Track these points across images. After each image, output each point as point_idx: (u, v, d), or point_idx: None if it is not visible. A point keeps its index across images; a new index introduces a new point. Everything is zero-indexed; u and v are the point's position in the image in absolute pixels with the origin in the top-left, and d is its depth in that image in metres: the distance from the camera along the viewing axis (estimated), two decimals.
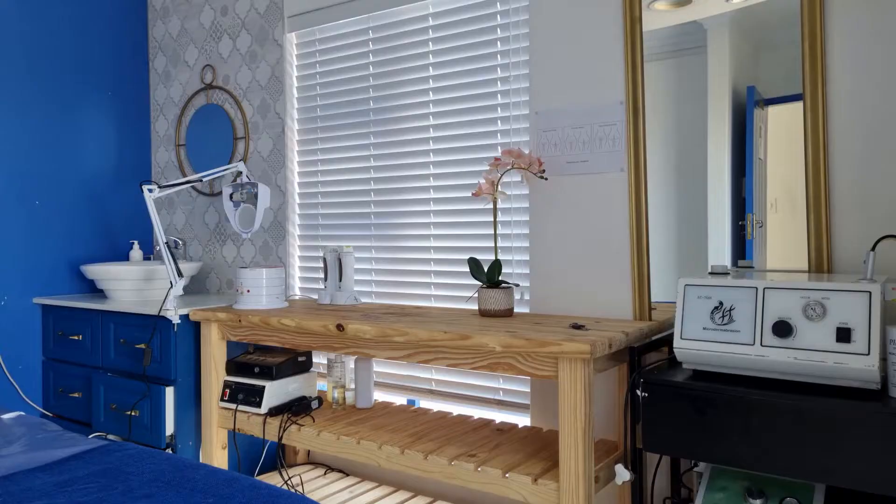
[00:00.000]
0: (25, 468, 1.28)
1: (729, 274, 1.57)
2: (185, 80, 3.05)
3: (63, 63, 2.86)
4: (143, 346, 2.37)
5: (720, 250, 1.84)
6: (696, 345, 1.47)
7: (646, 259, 1.90)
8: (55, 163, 2.83)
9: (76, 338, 2.61)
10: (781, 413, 1.31)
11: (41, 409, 2.76)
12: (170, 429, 2.31)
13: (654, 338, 1.74)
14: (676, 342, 1.49)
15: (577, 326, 1.73)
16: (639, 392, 1.49)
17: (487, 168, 2.23)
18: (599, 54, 1.98)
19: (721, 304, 1.45)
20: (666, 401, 1.45)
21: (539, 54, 2.09)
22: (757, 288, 1.41)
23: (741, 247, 1.81)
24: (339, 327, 1.91)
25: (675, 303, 1.90)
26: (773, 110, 1.77)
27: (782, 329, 1.36)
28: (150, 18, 3.18)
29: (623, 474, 1.57)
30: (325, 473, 2.50)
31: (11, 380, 2.68)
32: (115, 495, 1.10)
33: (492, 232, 2.23)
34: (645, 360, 1.85)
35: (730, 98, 1.82)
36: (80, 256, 2.92)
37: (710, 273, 1.58)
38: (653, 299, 1.92)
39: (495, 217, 2.02)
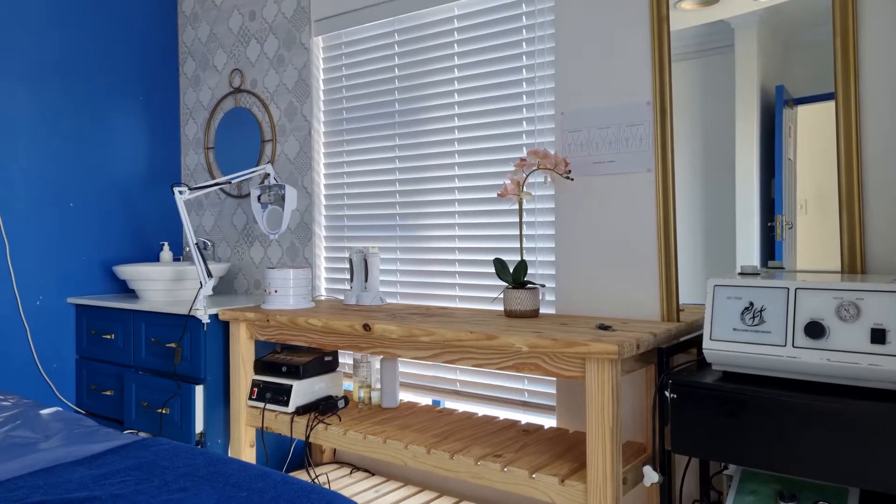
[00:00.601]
0: (65, 461, 1.31)
1: (759, 274, 1.55)
2: (213, 85, 3.10)
3: (96, 68, 2.93)
4: (173, 345, 2.42)
5: (748, 252, 1.82)
6: (725, 346, 1.46)
7: (674, 260, 1.89)
8: (88, 166, 2.90)
9: (109, 337, 2.67)
10: (814, 415, 1.29)
11: (74, 407, 2.82)
12: (199, 427, 2.35)
13: (682, 339, 1.73)
14: (706, 343, 1.48)
15: (603, 327, 1.73)
16: (667, 393, 1.48)
17: (513, 169, 2.23)
18: (626, 54, 1.97)
19: (751, 304, 1.44)
20: (695, 402, 1.44)
21: (565, 55, 2.09)
22: (788, 288, 1.40)
23: (770, 248, 1.79)
24: (366, 327, 1.93)
25: (702, 304, 1.88)
26: (802, 110, 1.75)
27: (815, 330, 1.34)
28: (180, 24, 3.24)
29: (651, 476, 1.56)
30: (350, 473, 2.52)
31: (46, 378, 2.74)
32: (152, 488, 1.13)
33: (516, 233, 2.23)
34: (673, 362, 1.83)
35: (758, 98, 1.81)
36: (113, 257, 2.98)
37: (740, 274, 1.56)
38: (680, 301, 1.91)
39: (521, 218, 2.02)
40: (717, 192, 1.85)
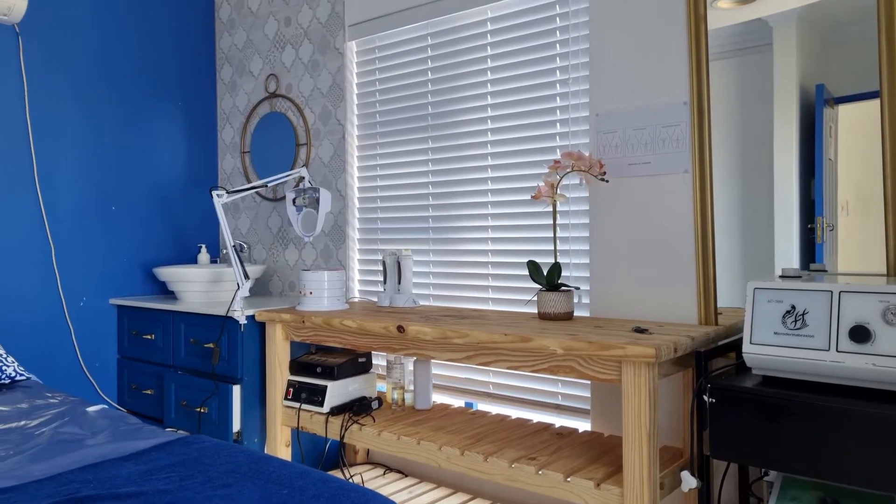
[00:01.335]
0: (112, 457, 1.35)
1: (800, 277, 1.52)
2: (249, 90, 3.16)
3: (136, 75, 3.01)
4: (211, 345, 2.47)
5: (787, 255, 1.78)
6: (766, 350, 1.43)
7: (711, 262, 1.87)
8: (130, 170, 2.98)
9: (149, 337, 2.74)
10: (858, 421, 1.26)
11: (116, 405, 2.90)
12: (236, 426, 2.39)
13: (720, 343, 1.70)
14: (746, 347, 1.46)
15: (640, 330, 1.71)
16: (706, 397, 1.46)
17: (546, 171, 2.23)
18: (662, 54, 1.96)
19: (793, 308, 1.41)
20: (734, 407, 1.42)
21: (599, 55, 2.08)
22: (832, 292, 1.37)
23: (810, 251, 1.75)
24: (400, 329, 1.95)
25: (739, 308, 1.86)
26: (843, 109, 1.71)
27: (860, 334, 1.31)
28: (218, 30, 3.31)
29: (689, 481, 1.54)
30: (384, 473, 2.53)
31: (89, 376, 2.82)
32: (196, 484, 1.15)
33: (550, 235, 2.22)
34: (711, 366, 1.81)
35: (797, 97, 1.77)
36: (153, 259, 3.06)
37: (781, 277, 1.54)
38: (718, 304, 1.88)
39: (555, 220, 2.02)
40: (754, 194, 1.82)
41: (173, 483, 1.16)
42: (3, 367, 2.05)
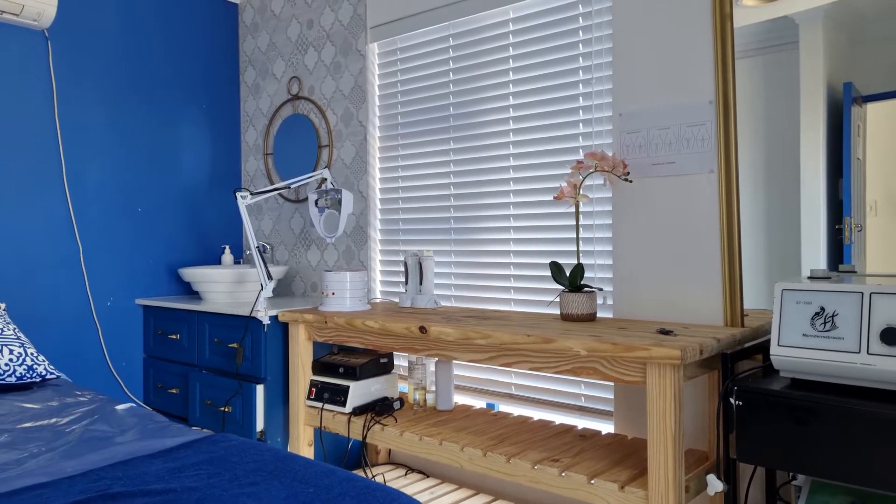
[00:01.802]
0: (141, 455, 1.37)
1: (829, 278, 1.50)
2: (272, 92, 3.19)
3: (162, 78, 3.06)
4: (235, 345, 2.49)
5: (814, 255, 1.76)
6: (794, 352, 1.41)
7: (738, 263, 1.84)
8: (156, 172, 3.03)
9: (174, 337, 2.78)
10: (889, 424, 1.24)
11: (142, 404, 2.94)
12: (260, 425, 2.41)
13: (746, 345, 1.68)
14: (773, 349, 1.44)
15: (664, 332, 1.70)
16: (732, 400, 1.45)
17: (569, 171, 2.22)
18: (687, 53, 1.94)
19: (822, 309, 1.39)
20: (762, 410, 1.40)
21: (623, 55, 2.07)
22: (863, 293, 1.35)
23: (838, 252, 1.72)
24: (422, 329, 1.95)
25: (765, 309, 1.83)
26: (872, 107, 1.68)
27: (891, 336, 1.29)
28: (241, 34, 3.35)
29: (715, 485, 1.52)
30: (406, 474, 2.54)
31: (116, 375, 2.87)
32: (223, 482, 1.17)
33: (573, 236, 2.21)
34: (737, 368, 1.79)
35: (824, 95, 1.75)
36: (178, 260, 3.10)
37: (810, 278, 1.51)
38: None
39: (577, 220, 2.01)
40: (780, 194, 1.80)
41: (201, 480, 1.18)
42: (35, 366, 2.10)
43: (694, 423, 1.92)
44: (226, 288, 2.76)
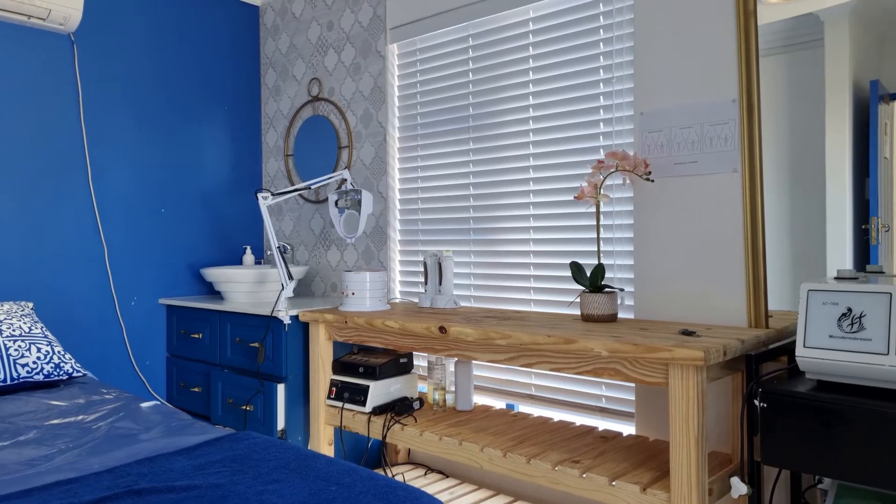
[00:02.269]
0: (165, 452, 1.39)
1: (857, 279, 1.47)
2: (293, 94, 3.22)
3: (185, 81, 3.09)
4: (256, 344, 2.52)
5: (840, 256, 1.73)
6: (820, 354, 1.39)
7: (762, 263, 1.82)
8: (179, 174, 3.07)
9: (197, 336, 2.81)
10: None
11: (165, 402, 2.98)
12: (281, 423, 2.43)
13: (771, 346, 1.66)
14: (799, 350, 1.42)
15: (687, 333, 1.68)
16: (757, 402, 1.43)
17: (589, 171, 2.21)
18: (709, 51, 1.92)
19: (850, 310, 1.37)
20: (787, 412, 1.38)
21: (645, 54, 2.05)
22: (892, 294, 1.32)
23: (864, 252, 1.69)
24: (442, 330, 1.95)
25: (789, 311, 1.81)
26: None
27: None
28: (262, 36, 3.38)
29: (739, 487, 1.51)
30: (425, 474, 2.54)
31: (140, 374, 2.91)
32: (247, 479, 1.18)
33: (593, 236, 2.20)
34: (762, 370, 1.77)
35: (850, 94, 1.72)
36: (200, 260, 3.13)
37: (836, 278, 1.49)
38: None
39: (598, 220, 2.00)
40: (805, 194, 1.77)
41: (225, 477, 1.19)
42: (62, 364, 2.13)
43: (717, 425, 1.90)
44: (247, 288, 2.79)
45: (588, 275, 2.03)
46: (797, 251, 1.79)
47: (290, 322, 2.42)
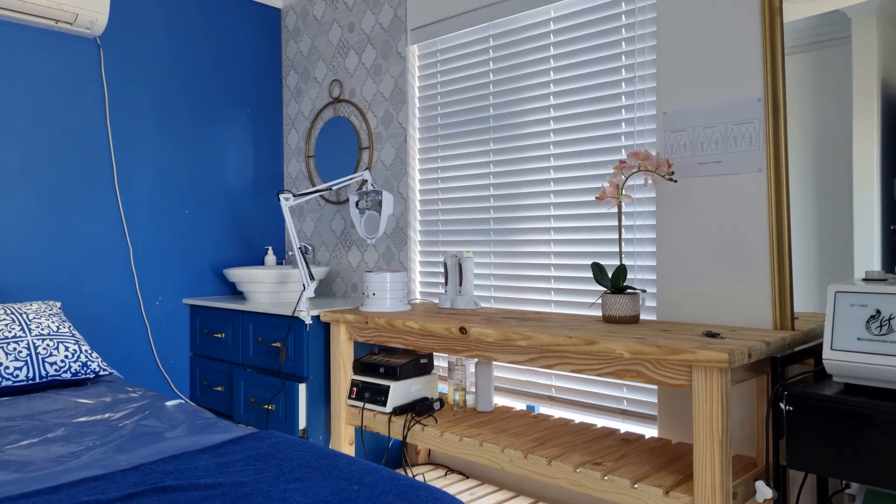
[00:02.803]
0: (190, 450, 1.41)
1: (886, 280, 1.44)
2: (314, 96, 3.24)
3: (208, 84, 3.13)
4: (278, 344, 2.54)
5: (868, 257, 1.70)
6: (848, 356, 1.37)
7: (788, 265, 1.79)
8: (202, 175, 3.10)
9: (220, 336, 2.84)
10: None
11: (188, 401, 3.02)
12: (302, 423, 2.45)
13: (797, 348, 1.64)
14: (826, 353, 1.39)
15: (711, 334, 1.66)
16: (782, 405, 1.41)
17: (611, 171, 2.20)
18: (734, 50, 1.90)
19: (878, 313, 1.34)
20: (814, 416, 1.36)
21: (668, 53, 2.03)
22: None
23: (893, 253, 1.66)
24: (462, 330, 1.95)
25: (815, 312, 1.78)
26: None
27: None
28: (284, 38, 3.41)
29: (765, 492, 1.49)
30: (445, 474, 2.55)
31: (164, 373, 2.95)
32: (270, 477, 1.19)
33: (615, 236, 2.19)
34: (788, 373, 1.74)
35: (878, 92, 1.69)
36: (223, 261, 3.17)
37: (865, 280, 1.46)
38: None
39: (620, 221, 1.99)
40: (832, 194, 1.75)
41: (249, 476, 1.20)
42: (89, 363, 2.17)
43: (741, 428, 1.88)
44: (269, 288, 2.82)
45: (609, 276, 2.01)
46: (824, 252, 1.76)
47: (311, 322, 2.44)
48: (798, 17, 1.80)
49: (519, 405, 2.46)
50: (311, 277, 2.48)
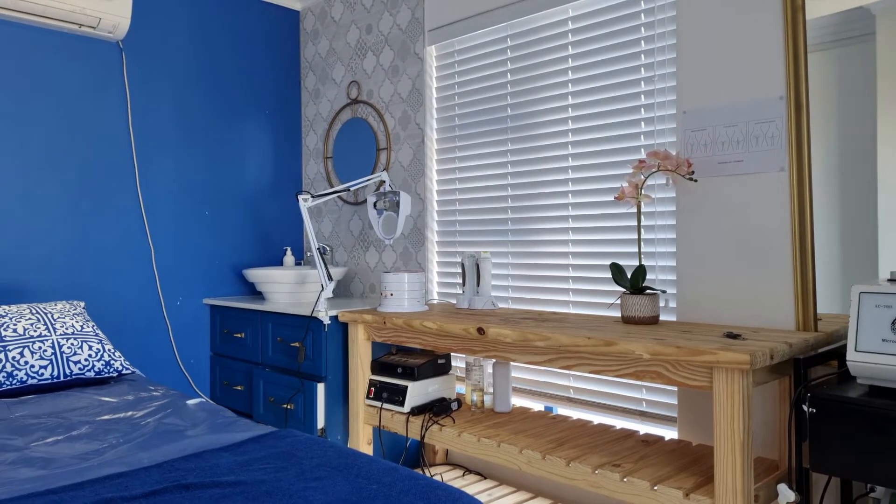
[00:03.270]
0: (211, 448, 1.43)
1: None
2: (332, 97, 3.26)
3: (228, 86, 3.17)
4: (297, 344, 2.56)
5: (893, 257, 1.67)
6: (873, 358, 1.35)
7: (810, 265, 1.77)
8: (222, 177, 3.14)
9: (239, 335, 2.87)
10: None
11: (208, 399, 3.05)
12: (321, 422, 2.47)
13: (821, 350, 1.61)
14: (850, 355, 1.37)
15: (732, 335, 1.65)
16: (805, 407, 1.39)
17: (630, 171, 2.18)
18: (756, 47, 1.88)
19: None
20: (838, 418, 1.34)
21: (688, 51, 2.02)
22: None
23: None
24: (480, 331, 1.95)
25: (839, 314, 1.75)
26: None
27: None
28: (302, 41, 3.43)
29: (787, 495, 1.47)
30: (463, 475, 2.55)
31: (185, 372, 2.99)
32: (290, 476, 1.20)
33: (634, 237, 2.17)
34: (810, 374, 1.72)
35: None
36: (242, 261, 3.20)
37: (890, 280, 1.44)
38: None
39: (639, 221, 1.97)
40: (856, 193, 1.72)
41: (269, 474, 1.22)
42: (111, 362, 2.20)
43: (763, 430, 1.86)
44: (288, 288, 2.84)
45: (629, 276, 2.00)
46: (848, 252, 1.74)
47: (329, 322, 2.45)
48: (821, 14, 1.77)
49: (537, 406, 2.45)
50: (330, 278, 2.49)
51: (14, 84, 2.56)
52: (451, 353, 2.58)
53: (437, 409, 2.24)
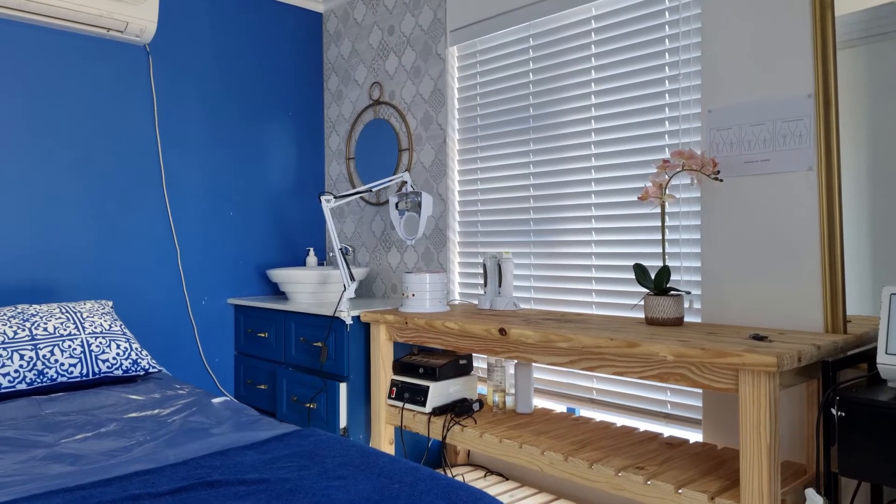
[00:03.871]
0: (236, 446, 1.45)
1: None
2: (354, 98, 3.28)
3: (253, 88, 3.20)
4: (319, 344, 2.58)
5: None
6: None
7: (840, 266, 1.74)
8: (246, 178, 3.17)
9: (263, 335, 2.90)
10: None
11: (233, 398, 3.08)
12: (343, 422, 2.48)
13: (850, 352, 1.58)
14: (880, 357, 1.35)
15: (758, 337, 1.62)
16: (834, 411, 1.36)
17: (654, 171, 2.16)
18: (783, 44, 1.85)
19: None
20: (867, 422, 1.31)
21: (713, 48, 1.99)
22: None
23: None
24: (502, 331, 1.95)
25: (869, 315, 1.72)
26: None
27: None
28: (325, 42, 3.46)
29: (815, 499, 1.44)
30: (485, 476, 2.54)
31: (210, 371, 3.03)
32: (313, 474, 1.21)
33: (658, 237, 2.15)
34: (839, 377, 1.68)
35: None
36: (266, 261, 3.23)
37: None
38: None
39: (663, 222, 1.95)
40: (886, 192, 1.68)
41: (293, 472, 1.23)
42: (139, 360, 2.24)
43: (790, 434, 1.83)
44: (310, 289, 2.86)
45: (652, 277, 1.98)
46: (878, 253, 1.70)
47: (351, 322, 2.47)
48: (850, 11, 1.74)
49: (559, 407, 2.44)
50: (352, 278, 2.51)
51: (43, 87, 2.61)
52: (473, 354, 2.58)
53: (459, 409, 2.24)
